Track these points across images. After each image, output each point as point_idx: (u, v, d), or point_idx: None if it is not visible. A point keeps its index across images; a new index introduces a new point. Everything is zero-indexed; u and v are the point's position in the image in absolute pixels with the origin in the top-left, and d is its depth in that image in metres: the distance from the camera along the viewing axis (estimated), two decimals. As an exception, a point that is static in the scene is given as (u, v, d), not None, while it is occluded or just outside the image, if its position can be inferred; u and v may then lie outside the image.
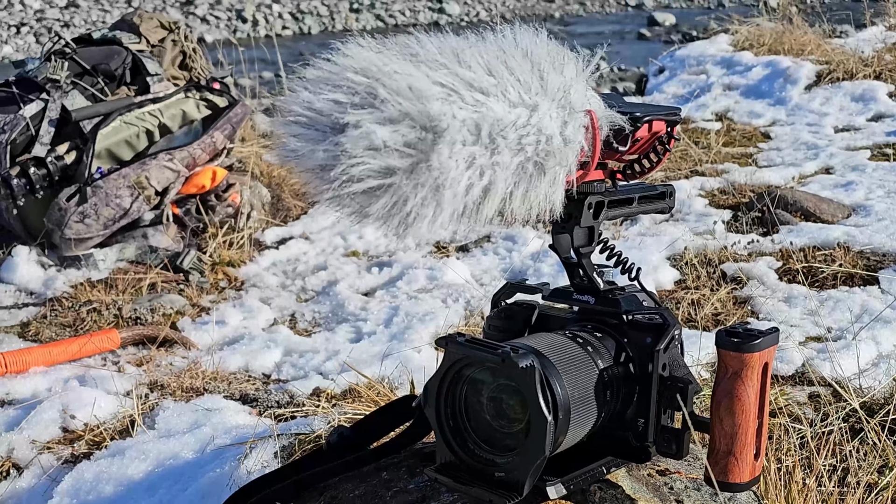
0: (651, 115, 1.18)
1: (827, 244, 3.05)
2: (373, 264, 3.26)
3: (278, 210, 3.68)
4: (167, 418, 2.09)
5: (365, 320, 2.80)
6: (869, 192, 3.55)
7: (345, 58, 0.94)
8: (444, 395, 1.18)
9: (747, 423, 1.16)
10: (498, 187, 1.00)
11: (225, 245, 3.29)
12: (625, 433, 1.27)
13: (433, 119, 0.91)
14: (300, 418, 1.79)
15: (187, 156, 3.27)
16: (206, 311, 2.93)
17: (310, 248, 3.42)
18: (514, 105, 1.00)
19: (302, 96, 0.93)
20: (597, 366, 1.21)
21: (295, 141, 0.92)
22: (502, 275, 3.09)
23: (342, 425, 1.48)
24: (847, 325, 2.61)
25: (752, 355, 1.15)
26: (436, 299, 2.89)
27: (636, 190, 1.29)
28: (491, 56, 1.01)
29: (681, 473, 1.37)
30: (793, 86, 5.03)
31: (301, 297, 3.08)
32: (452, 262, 3.13)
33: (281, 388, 2.35)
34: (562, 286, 1.33)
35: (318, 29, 15.97)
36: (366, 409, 1.72)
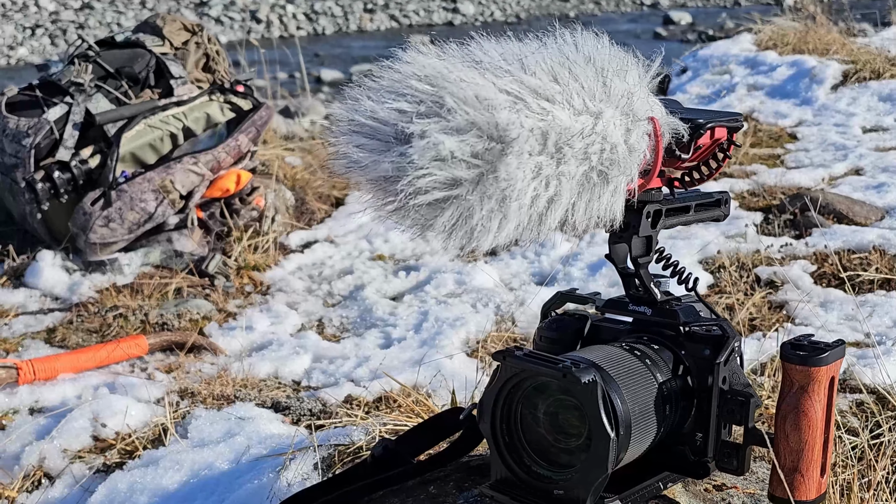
0: (713, 122, 1.14)
1: (862, 247, 3.00)
2: (399, 268, 3.23)
3: (302, 213, 3.65)
4: (199, 427, 2.06)
5: (394, 325, 2.77)
6: (902, 194, 3.50)
7: (407, 65, 0.91)
8: (500, 410, 1.15)
9: (814, 440, 1.12)
10: (563, 198, 0.96)
11: (250, 249, 3.26)
12: (682, 448, 1.23)
13: (501, 128, 0.88)
14: (338, 428, 1.76)
15: (212, 159, 3.24)
16: (233, 316, 2.90)
17: (335, 252, 3.39)
18: (578, 113, 0.97)
19: (365, 105, 0.90)
20: (656, 379, 1.17)
21: (358, 151, 0.89)
22: (532, 279, 3.05)
23: (386, 438, 1.45)
24: (886, 329, 2.56)
25: (819, 369, 1.11)
26: (465, 304, 2.86)
27: (693, 197, 1.25)
28: (554, 62, 0.97)
29: (738, 488, 1.33)
30: (819, 85, 4.98)
31: (328, 302, 3.05)
32: (481, 266, 3.10)
33: (312, 395, 2.32)
34: (616, 297, 1.30)
35: (333, 29, 15.97)
36: (405, 419, 1.69)
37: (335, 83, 12.00)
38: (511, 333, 2.66)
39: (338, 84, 11.90)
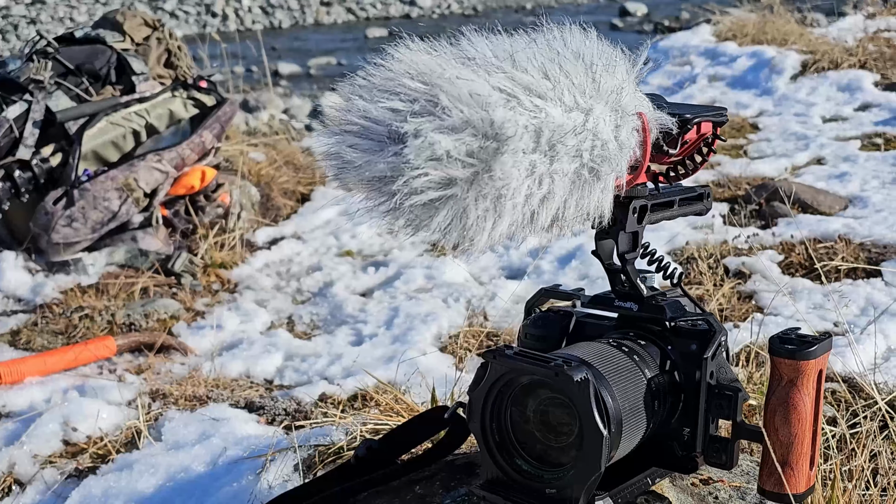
0: (699, 117, 1.14)
1: (827, 237, 3.03)
2: (368, 264, 3.21)
3: (268, 209, 3.62)
4: (173, 429, 2.03)
5: (365, 322, 2.75)
6: (864, 183, 3.54)
7: (398, 62, 0.90)
8: (490, 409, 1.14)
9: (804, 433, 1.12)
10: (556, 196, 0.95)
11: (216, 246, 3.23)
12: (670, 443, 1.23)
13: (496, 127, 0.86)
14: (316, 428, 1.74)
15: (176, 156, 3.20)
16: (202, 315, 2.87)
17: (303, 249, 3.36)
18: (569, 109, 0.96)
19: (357, 105, 0.88)
20: (644, 375, 1.17)
21: (351, 151, 0.87)
22: (502, 273, 3.04)
23: (370, 438, 1.44)
24: (854, 318, 2.59)
25: (807, 363, 1.11)
26: (436, 299, 2.85)
27: (676, 192, 1.25)
28: (545, 58, 0.96)
29: (724, 482, 1.33)
30: (778, 76, 5.02)
31: (297, 299, 3.03)
32: (450, 261, 3.09)
33: (286, 394, 2.29)
34: (601, 293, 1.29)
35: (289, 23, 15.86)
36: (385, 418, 1.67)
37: (293, 77, 11.92)
38: (483, 328, 2.65)
39: (296, 77, 11.83)
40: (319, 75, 12.30)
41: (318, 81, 11.97)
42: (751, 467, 1.39)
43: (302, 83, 11.76)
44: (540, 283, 2.93)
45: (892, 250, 2.96)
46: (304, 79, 12.14)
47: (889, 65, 4.99)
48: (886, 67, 4.97)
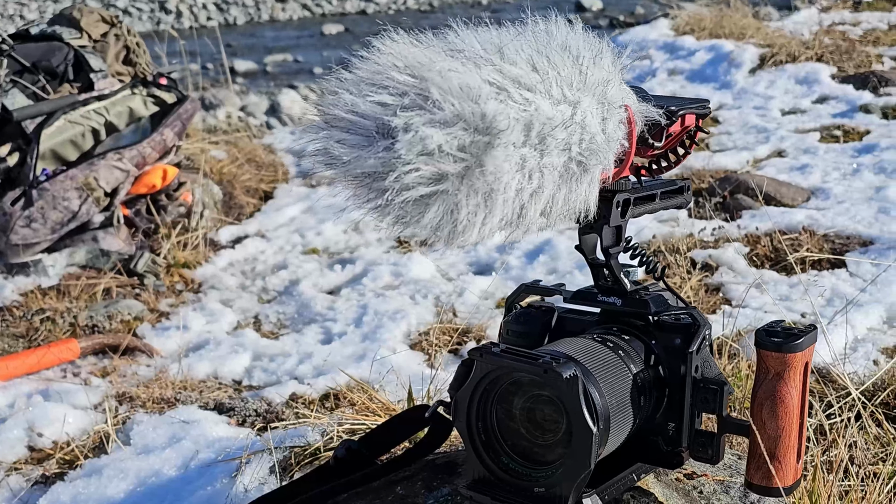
0: (684, 109, 1.13)
1: (791, 228, 3.05)
2: (334, 262, 3.18)
3: (231, 208, 3.57)
4: (142, 432, 2.00)
5: (333, 320, 2.72)
6: (825, 175, 3.57)
7: (385, 55, 0.87)
8: (476, 408, 1.12)
9: (791, 426, 1.12)
10: (545, 190, 0.94)
11: (179, 246, 3.18)
12: (654, 438, 1.22)
13: (488, 120, 0.85)
14: (290, 429, 1.71)
15: (137, 155, 3.15)
16: (166, 315, 2.83)
17: (267, 247, 3.32)
18: (557, 102, 0.94)
19: (344, 99, 0.85)
20: (630, 370, 1.16)
21: (338, 147, 0.85)
22: (469, 269, 3.03)
23: (349, 439, 1.42)
24: (820, 308, 2.60)
25: (794, 355, 1.11)
26: (404, 296, 2.83)
27: (658, 185, 1.24)
28: (532, 50, 0.94)
29: (707, 476, 1.33)
30: (737, 69, 5.05)
31: (263, 298, 2.99)
32: (417, 257, 3.07)
33: (256, 395, 2.26)
34: (584, 288, 1.28)
35: (244, 19, 15.71)
36: (362, 418, 1.65)
37: (249, 74, 11.81)
38: (453, 324, 2.64)
39: (252, 74, 11.73)
40: (276, 72, 12.21)
41: (274, 78, 11.87)
42: (733, 460, 1.38)
43: (258, 80, 11.65)
44: (508, 278, 2.92)
45: (855, 241, 2.99)
46: (261, 76, 12.04)
47: (845, 58, 5.04)
48: (842, 60, 5.02)
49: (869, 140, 3.96)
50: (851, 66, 4.92)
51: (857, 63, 4.96)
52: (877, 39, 5.47)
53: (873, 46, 5.33)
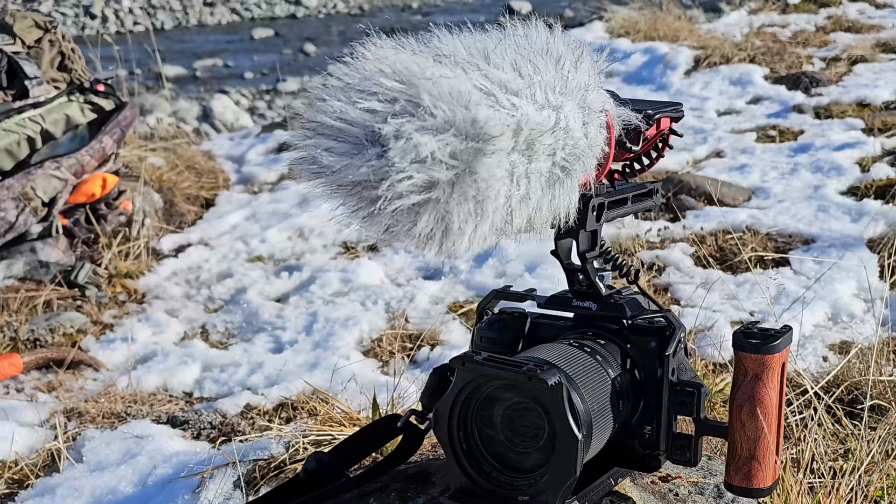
0: (659, 112, 1.13)
1: (735, 227, 3.09)
2: (281, 269, 3.13)
3: (172, 216, 3.51)
4: (94, 449, 1.94)
5: (283, 329, 2.69)
6: (764, 175, 3.63)
7: (371, 61, 0.86)
8: (457, 417, 1.11)
9: (770, 426, 1.12)
10: (532, 196, 0.93)
11: (120, 256, 3.11)
12: (630, 442, 1.22)
13: (479, 126, 0.83)
14: (251, 441, 1.68)
15: (75, 163, 3.07)
16: (110, 327, 2.76)
17: (211, 255, 3.27)
18: (541, 107, 0.93)
19: (332, 106, 0.83)
20: (608, 375, 1.16)
21: (327, 155, 0.83)
22: (418, 273, 3.01)
23: (320, 451, 1.39)
24: (767, 307, 2.64)
25: (772, 356, 1.12)
26: (354, 302, 2.80)
27: (629, 189, 1.24)
28: (515, 54, 0.93)
29: (682, 478, 1.33)
30: (672, 71, 5.12)
31: (209, 308, 2.94)
32: (365, 263, 3.04)
33: (209, 406, 2.22)
34: (558, 293, 1.27)
35: (172, 24, 15.51)
36: (327, 428, 1.62)
37: (178, 79, 11.65)
38: (405, 330, 2.62)
39: (181, 80, 11.57)
40: (206, 77, 12.07)
41: (204, 83, 11.74)
42: (704, 461, 1.39)
43: (188, 85, 11.51)
44: (457, 282, 2.91)
45: (797, 239, 3.04)
46: (190, 81, 11.89)
47: (776, 59, 5.13)
48: (774, 61, 5.11)
49: (804, 140, 4.03)
50: (783, 67, 5.01)
51: (788, 64, 5.06)
52: (806, 41, 5.58)
53: (802, 48, 5.44)
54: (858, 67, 4.95)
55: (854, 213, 3.13)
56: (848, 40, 5.53)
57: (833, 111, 4.35)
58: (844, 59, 5.06)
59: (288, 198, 3.67)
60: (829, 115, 4.32)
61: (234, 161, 4.20)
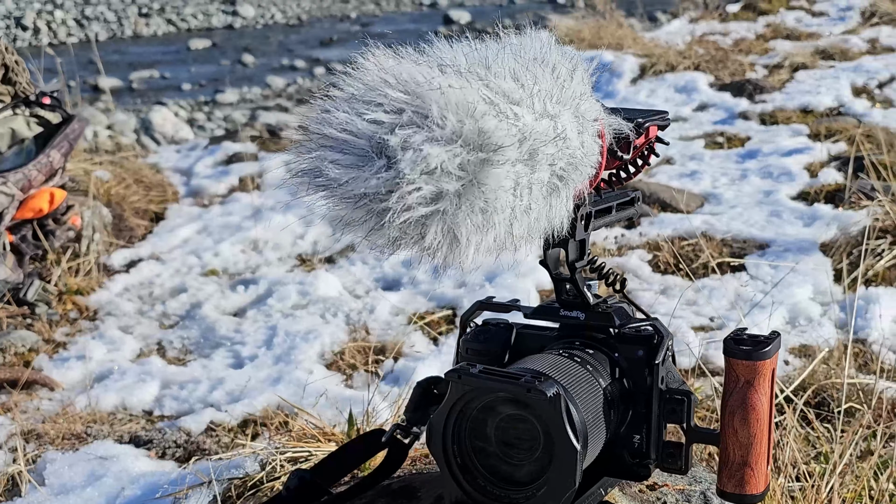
0: (649, 121, 1.13)
1: (690, 234, 3.12)
2: (236, 282, 3.09)
3: (121, 231, 3.44)
4: (57, 471, 1.89)
5: (242, 343, 2.65)
6: (714, 181, 3.67)
7: (375, 72, 0.84)
8: (451, 431, 1.10)
9: (762, 432, 1.12)
10: (534, 206, 0.92)
11: (70, 272, 3.04)
12: (619, 451, 1.22)
13: (486, 136, 0.82)
14: (228, 459, 1.65)
15: (22, 178, 2.99)
16: (63, 345, 2.69)
17: (163, 270, 3.21)
18: (540, 116, 0.92)
19: (338, 117, 0.82)
20: (599, 385, 1.15)
21: (333, 168, 0.81)
22: (376, 285, 2.99)
23: (301, 468, 1.36)
24: (726, 312, 2.67)
25: (764, 363, 1.12)
26: (313, 315, 2.77)
27: (613, 198, 1.24)
28: (514, 63, 0.92)
29: (668, 486, 1.33)
30: (618, 79, 5.16)
31: (164, 324, 2.88)
32: (323, 275, 3.01)
33: (172, 425, 2.17)
34: (544, 303, 1.26)
35: (106, 35, 15.27)
36: (304, 444, 1.60)
37: (114, 91, 11.46)
38: (367, 342, 2.59)
39: (117, 91, 11.39)
40: (143, 89, 11.91)
41: (141, 95, 11.58)
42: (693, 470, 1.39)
43: (124, 97, 11.34)
44: (417, 293, 2.89)
45: (751, 244, 3.07)
46: (127, 93, 11.72)
47: (720, 66, 5.20)
48: (718, 69, 5.18)
49: (751, 146, 4.09)
50: (727, 75, 5.08)
51: (731, 71, 5.13)
52: (748, 49, 5.67)
53: (745, 55, 5.53)
54: (800, 74, 5.04)
55: (806, 218, 3.18)
56: (788, 48, 5.63)
57: (778, 117, 4.42)
58: (786, 66, 5.15)
59: (239, 210, 3.63)
60: (775, 121, 4.39)
61: (183, 174, 4.14)
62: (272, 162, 4.08)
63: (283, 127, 4.68)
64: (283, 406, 2.21)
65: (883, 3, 6.62)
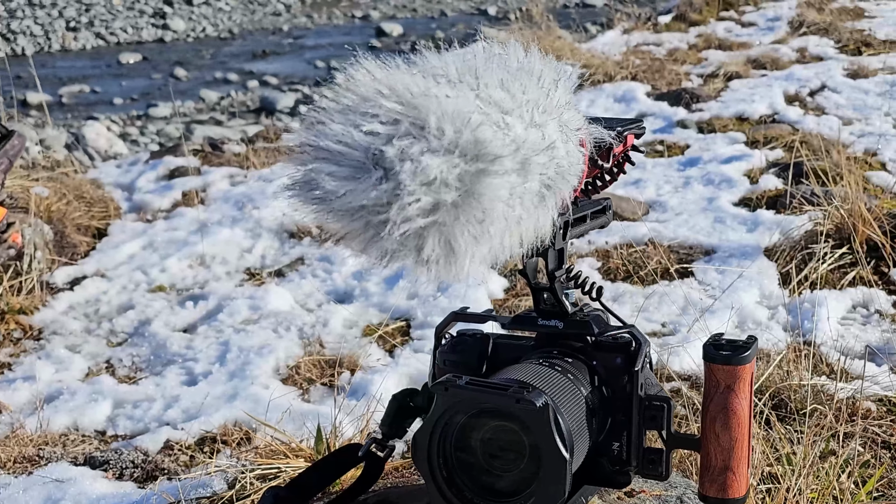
0: (627, 130, 1.14)
1: (637, 241, 3.15)
2: (185, 298, 3.04)
3: (64, 248, 3.37)
4: (12, 497, 1.84)
5: (194, 360, 2.60)
6: (658, 189, 3.71)
7: (368, 82, 0.83)
8: (437, 444, 1.09)
9: (743, 437, 1.14)
10: (525, 216, 0.92)
11: (12, 291, 2.97)
12: (599, 459, 1.22)
13: (484, 147, 0.82)
14: (196, 479, 1.62)
15: (-40, 195, 2.92)
16: (8, 366, 2.63)
17: (109, 287, 3.15)
18: (527, 126, 0.93)
19: (333, 129, 0.81)
20: (581, 393, 1.16)
21: (330, 181, 0.80)
22: (327, 298, 2.97)
23: (276, 486, 1.35)
24: (676, 318, 2.70)
25: (744, 367, 1.13)
26: (266, 330, 2.74)
27: (588, 206, 1.24)
28: (503, 74, 0.93)
29: (646, 492, 1.34)
30: (558, 89, 5.19)
31: (112, 342, 2.83)
32: (273, 289, 2.98)
33: (128, 444, 2.13)
34: (521, 313, 1.27)
35: (33, 49, 14.97)
36: (271, 461, 1.57)
37: (44, 106, 11.24)
38: (322, 356, 2.57)
39: (48, 107, 11.17)
40: (73, 104, 11.70)
41: (72, 110, 11.38)
42: (664, 475, 1.40)
43: (54, 112, 11.13)
44: (369, 305, 2.88)
45: (698, 250, 3.12)
46: (57, 108, 11.50)
47: (657, 76, 5.27)
48: (655, 79, 5.25)
49: (691, 154, 4.14)
50: (664, 84, 5.15)
51: (668, 81, 5.21)
52: (683, 59, 5.76)
53: (680, 65, 5.61)
54: (734, 83, 5.13)
55: (749, 224, 3.23)
56: (721, 57, 5.73)
57: (715, 125, 4.49)
58: (721, 75, 5.23)
59: (185, 225, 3.58)
60: (712, 129, 4.46)
61: (124, 189, 4.07)
62: (215, 175, 4.03)
63: (225, 140, 4.62)
64: (241, 422, 2.18)
65: (809, 14, 6.77)
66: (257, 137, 4.97)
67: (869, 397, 2.11)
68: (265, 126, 6.55)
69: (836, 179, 3.25)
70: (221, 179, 3.98)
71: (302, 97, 10.29)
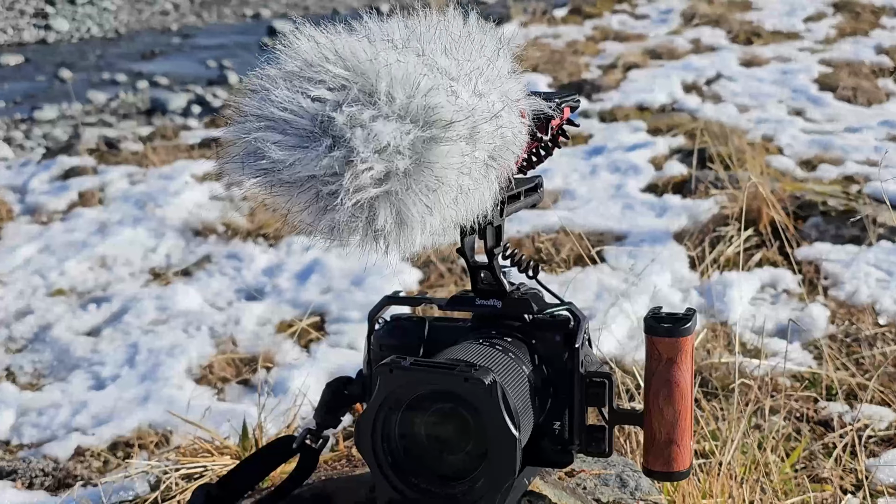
0: (564, 102, 1.12)
1: (549, 228, 3.16)
2: (87, 301, 2.93)
3: (-46, 253, 3.22)
4: (-87, 512, 1.74)
5: (101, 363, 2.51)
6: (566, 177, 3.73)
7: (312, 48, 0.79)
8: (380, 428, 1.05)
9: (686, 409, 1.13)
10: (473, 187, 0.89)
11: None
12: (540, 439, 1.20)
13: (436, 113, 0.79)
14: (117, 482, 1.55)
15: None
16: None
17: (5, 292, 3.01)
18: (472, 94, 0.90)
19: (278, 95, 0.76)
20: (524, 372, 1.13)
21: (277, 149, 0.76)
22: (238, 295, 2.90)
23: (207, 483, 1.29)
24: (592, 303, 2.71)
25: (686, 339, 1.12)
26: (175, 330, 2.66)
27: (522, 183, 1.22)
28: (447, 40, 0.89)
29: (585, 471, 1.32)
30: (460, 82, 5.19)
31: (11, 348, 2.70)
32: (181, 288, 2.90)
33: (36, 453, 2.04)
34: (458, 293, 1.23)
35: None
36: (196, 460, 1.51)
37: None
38: (235, 354, 2.51)
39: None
40: (-49, 107, 11.24)
41: (-50, 114, 10.95)
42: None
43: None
44: (281, 301, 2.82)
45: (609, 236, 3.14)
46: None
47: (557, 67, 5.31)
48: (556, 70, 5.29)
49: (595, 143, 4.18)
50: (565, 75, 5.20)
51: (569, 72, 5.25)
52: (581, 50, 5.81)
53: (579, 56, 5.66)
54: (633, 73, 5.20)
55: (658, 209, 3.27)
56: (618, 49, 5.81)
57: (617, 115, 4.54)
58: (619, 65, 5.30)
59: (83, 226, 3.45)
60: (614, 118, 4.51)
61: (16, 191, 3.91)
62: (113, 174, 3.90)
63: (122, 139, 4.48)
64: (155, 424, 2.11)
65: (700, 6, 6.92)
66: (155, 136, 4.84)
67: (784, 373, 2.15)
68: (162, 124, 6.40)
69: (738, 164, 3.31)
70: (120, 178, 3.86)
71: (195, 97, 10.08)
